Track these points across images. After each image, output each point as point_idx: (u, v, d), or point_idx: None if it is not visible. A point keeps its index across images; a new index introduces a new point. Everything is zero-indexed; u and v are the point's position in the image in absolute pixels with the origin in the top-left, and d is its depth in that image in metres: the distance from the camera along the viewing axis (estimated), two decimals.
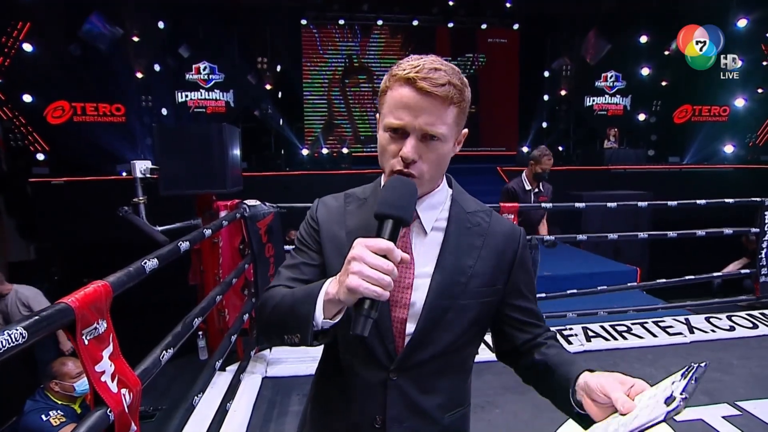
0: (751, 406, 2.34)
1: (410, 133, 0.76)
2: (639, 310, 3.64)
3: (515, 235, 0.90)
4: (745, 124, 10.81)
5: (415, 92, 0.75)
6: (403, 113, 0.76)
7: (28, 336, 0.74)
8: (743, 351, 3.01)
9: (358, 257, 0.67)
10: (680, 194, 3.79)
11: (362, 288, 0.65)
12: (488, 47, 11.18)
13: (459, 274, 0.83)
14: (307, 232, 0.91)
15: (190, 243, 1.60)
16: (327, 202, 0.93)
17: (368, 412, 0.84)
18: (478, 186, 7.86)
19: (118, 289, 1.06)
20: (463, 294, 0.83)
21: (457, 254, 0.84)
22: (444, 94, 0.75)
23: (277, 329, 0.81)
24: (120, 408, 1.00)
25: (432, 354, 0.84)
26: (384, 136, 0.80)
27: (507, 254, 0.88)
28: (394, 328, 0.83)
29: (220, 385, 2.47)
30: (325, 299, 0.72)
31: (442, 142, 0.78)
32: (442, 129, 0.76)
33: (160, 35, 9.33)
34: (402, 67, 0.77)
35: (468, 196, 0.93)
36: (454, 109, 0.78)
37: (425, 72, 0.74)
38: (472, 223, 0.87)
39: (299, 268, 0.88)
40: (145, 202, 2.63)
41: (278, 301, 0.81)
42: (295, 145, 10.32)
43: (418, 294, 0.83)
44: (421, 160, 0.78)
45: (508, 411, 2.36)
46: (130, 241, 2.80)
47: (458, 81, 0.77)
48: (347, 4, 10.33)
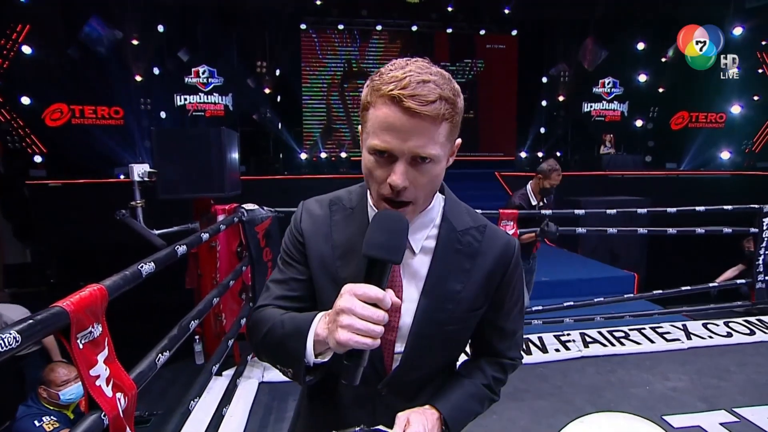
0: (748, 412, 2.34)
1: (399, 158, 0.68)
2: (636, 315, 3.64)
3: (508, 253, 0.84)
4: (741, 131, 10.88)
5: (401, 113, 0.66)
6: (389, 136, 0.67)
7: (22, 340, 0.73)
8: (740, 357, 3.01)
9: (348, 310, 0.64)
10: (678, 200, 3.80)
11: (352, 342, 0.63)
12: (486, 53, 11.24)
13: (446, 300, 0.80)
14: (293, 243, 0.87)
15: (187, 247, 1.59)
16: (312, 210, 0.87)
17: (358, 421, 0.83)
18: (476, 191, 7.92)
19: (114, 292, 1.05)
20: (449, 320, 0.81)
21: (445, 279, 0.80)
22: (435, 113, 0.66)
23: (270, 358, 0.82)
24: (115, 412, 0.99)
25: (421, 374, 0.85)
26: (369, 158, 0.71)
27: (497, 275, 0.83)
28: (383, 349, 0.81)
29: (216, 390, 2.45)
30: (315, 339, 0.71)
31: (434, 163, 0.70)
32: (433, 150, 0.68)
33: (159, 38, 9.35)
34: (385, 80, 0.68)
35: (462, 208, 0.86)
36: (447, 126, 0.69)
37: (412, 87, 0.65)
38: (462, 243, 0.82)
39: (288, 284, 0.86)
40: (143, 206, 2.62)
41: (269, 328, 0.79)
42: (293, 149, 10.33)
43: (405, 317, 0.80)
44: (413, 186, 0.70)
45: (506, 417, 2.35)
46: (126, 245, 2.79)
47: (450, 92, 0.68)
48: (346, 9, 10.39)
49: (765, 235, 3.66)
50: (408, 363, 0.82)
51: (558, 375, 2.82)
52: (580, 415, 2.54)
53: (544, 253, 5.98)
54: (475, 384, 0.88)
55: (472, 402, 0.87)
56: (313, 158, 10.32)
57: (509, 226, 3.25)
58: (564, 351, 3.11)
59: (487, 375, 0.89)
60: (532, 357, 3.04)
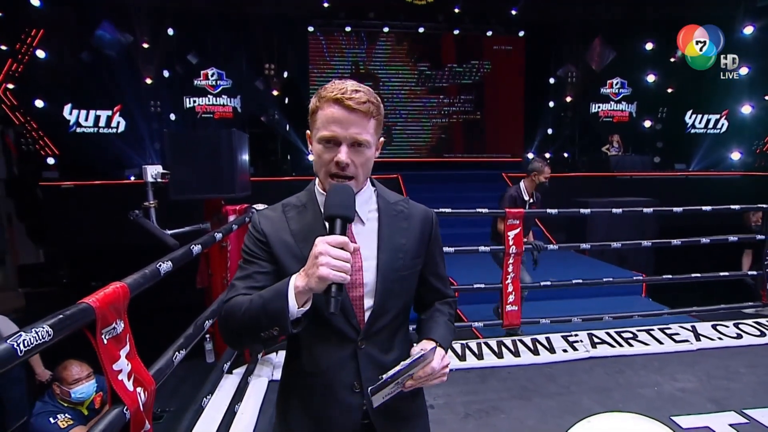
0: (758, 414, 2.33)
1: (342, 143, 0.93)
2: (644, 315, 3.63)
3: (429, 216, 1.10)
4: (751, 131, 10.75)
5: (343, 109, 0.92)
6: (335, 126, 0.93)
7: (54, 333, 0.77)
8: (750, 359, 2.99)
9: (324, 252, 0.81)
10: (687, 201, 3.79)
11: (332, 275, 0.80)
12: (494, 54, 11.21)
13: (397, 251, 1.02)
14: (254, 243, 1.02)
15: (202, 246, 1.63)
16: (266, 214, 1.06)
17: (346, 381, 0.99)
18: (483, 192, 7.91)
19: (136, 290, 1.09)
20: (403, 267, 1.03)
21: (393, 236, 1.03)
22: (366, 109, 0.93)
23: (250, 330, 0.90)
24: (136, 406, 1.03)
25: (388, 319, 1.03)
26: (318, 147, 0.96)
27: (425, 232, 1.08)
28: (354, 305, 0.99)
29: (227, 388, 2.49)
30: (296, 291, 0.85)
31: (367, 148, 0.96)
32: (366, 137, 0.94)
33: (169, 42, 9.47)
34: (329, 90, 0.94)
35: (387, 190, 1.11)
36: (374, 121, 0.96)
37: (349, 93, 0.92)
38: (396, 210, 1.07)
39: (253, 278, 0.99)
40: (156, 206, 2.67)
41: (247, 306, 0.90)
42: (301, 151, 10.39)
43: (368, 274, 1.00)
44: (353, 164, 0.95)
45: (514, 417, 2.36)
46: (137, 245, 2.83)
47: (374, 99, 0.96)
48: (354, 11, 10.42)
49: None
50: (378, 309, 1.00)
51: (565, 375, 2.82)
52: (587, 415, 2.56)
53: (553, 255, 5.99)
54: (444, 319, 1.12)
55: (448, 331, 1.10)
56: None
57: (515, 225, 3.28)
58: (572, 351, 3.11)
59: (444, 312, 1.14)
60: (540, 357, 3.05)
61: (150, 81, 9.41)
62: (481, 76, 11.24)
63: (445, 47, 11.05)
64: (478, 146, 11.10)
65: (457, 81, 11.07)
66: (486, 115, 11.23)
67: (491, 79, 11.26)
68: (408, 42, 10.92)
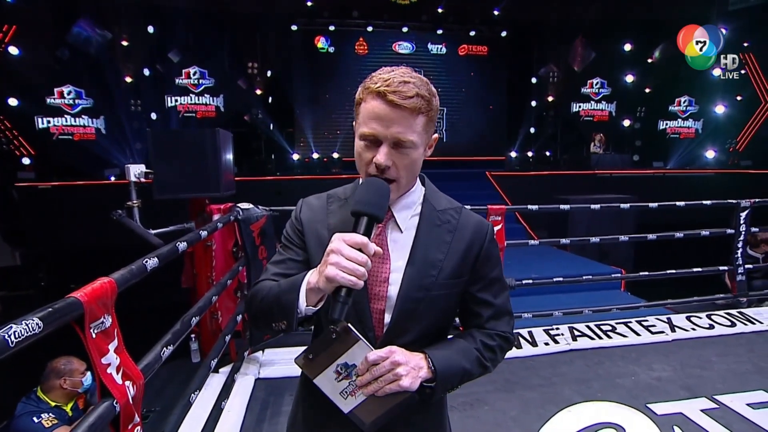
0: (728, 399, 2.45)
1: (383, 142, 0.83)
2: (623, 308, 3.75)
3: (482, 230, 0.95)
4: (725, 130, 11.12)
5: (385, 105, 0.81)
6: (375, 124, 0.82)
7: (44, 326, 0.78)
8: (722, 348, 3.13)
9: (336, 250, 0.74)
10: (664, 198, 3.91)
11: (339, 277, 0.72)
12: (477, 54, 11.35)
13: (430, 266, 0.90)
14: (293, 230, 0.98)
15: (187, 243, 1.64)
16: (310, 202, 1.00)
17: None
18: (468, 191, 7.99)
19: (123, 285, 1.10)
20: (434, 285, 0.90)
21: (428, 249, 0.91)
22: (412, 105, 0.81)
23: (265, 318, 0.88)
24: (125, 399, 1.04)
25: (409, 339, 0.90)
26: (360, 144, 0.87)
27: (473, 248, 0.93)
28: (373, 318, 0.90)
29: (213, 386, 2.49)
30: (307, 288, 0.80)
31: (412, 149, 0.85)
32: (411, 137, 0.83)
33: (149, 40, 9.31)
34: (374, 81, 0.83)
35: (441, 194, 0.99)
36: (423, 118, 0.84)
37: (395, 85, 0.81)
38: (442, 220, 0.94)
39: (285, 263, 0.96)
40: (139, 206, 2.65)
41: (266, 292, 0.87)
42: (285, 150, 10.34)
43: (393, 288, 0.89)
44: (395, 166, 0.85)
45: (497, 408, 2.42)
46: (117, 247, 2.79)
47: (426, 92, 0.84)
48: (337, 10, 10.43)
49: (741, 229, 3.82)
50: (397, 327, 0.89)
51: (547, 367, 2.90)
52: (568, 405, 2.63)
53: (535, 251, 6.11)
54: (464, 343, 0.94)
55: (460, 356, 0.91)
56: (306, 159, 10.33)
57: (497, 221, 3.34)
58: (553, 344, 3.20)
59: (476, 339, 0.95)
60: (522, 351, 3.12)
61: (130, 79, 9.24)
62: (466, 74, 11.36)
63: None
64: (462, 146, 11.24)
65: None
66: (470, 114, 11.35)
67: (474, 79, 11.39)
68: None
